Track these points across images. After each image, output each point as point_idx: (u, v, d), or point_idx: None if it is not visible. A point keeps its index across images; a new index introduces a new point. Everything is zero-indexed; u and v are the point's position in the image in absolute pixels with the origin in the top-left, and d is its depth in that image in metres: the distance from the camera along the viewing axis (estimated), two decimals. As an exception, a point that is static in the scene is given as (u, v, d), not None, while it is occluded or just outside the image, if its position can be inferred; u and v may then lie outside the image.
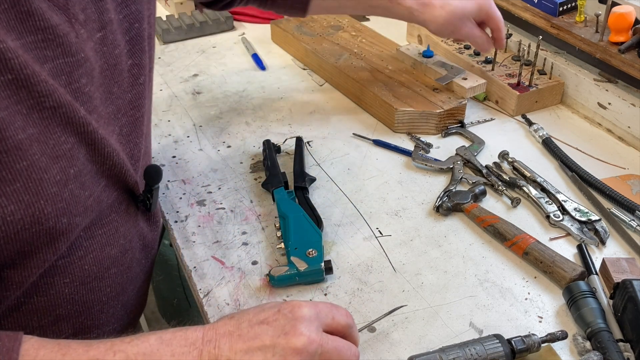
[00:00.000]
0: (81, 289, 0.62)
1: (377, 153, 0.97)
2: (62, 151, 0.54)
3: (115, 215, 0.65)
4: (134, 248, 0.70)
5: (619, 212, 0.82)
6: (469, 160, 0.92)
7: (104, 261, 0.64)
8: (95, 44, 0.58)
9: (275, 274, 0.72)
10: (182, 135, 1.02)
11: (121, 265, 0.68)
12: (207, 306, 0.71)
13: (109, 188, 0.63)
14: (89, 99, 0.58)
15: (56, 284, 0.60)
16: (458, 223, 0.83)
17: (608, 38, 0.98)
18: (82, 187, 0.57)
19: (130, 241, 0.69)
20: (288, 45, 1.28)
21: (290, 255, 0.73)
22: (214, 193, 0.88)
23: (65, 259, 0.60)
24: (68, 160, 0.55)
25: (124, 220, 0.67)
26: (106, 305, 0.67)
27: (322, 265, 0.73)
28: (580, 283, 0.68)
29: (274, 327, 0.54)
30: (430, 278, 0.74)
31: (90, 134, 0.57)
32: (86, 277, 0.62)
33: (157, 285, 1.90)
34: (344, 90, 1.12)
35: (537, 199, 0.84)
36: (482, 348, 0.61)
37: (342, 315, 0.58)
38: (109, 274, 0.66)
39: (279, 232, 0.79)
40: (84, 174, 0.57)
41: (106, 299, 0.66)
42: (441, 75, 1.05)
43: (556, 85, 1.06)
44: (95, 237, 0.63)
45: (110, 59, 0.61)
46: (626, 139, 0.98)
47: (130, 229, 0.69)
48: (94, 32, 0.58)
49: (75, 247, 0.60)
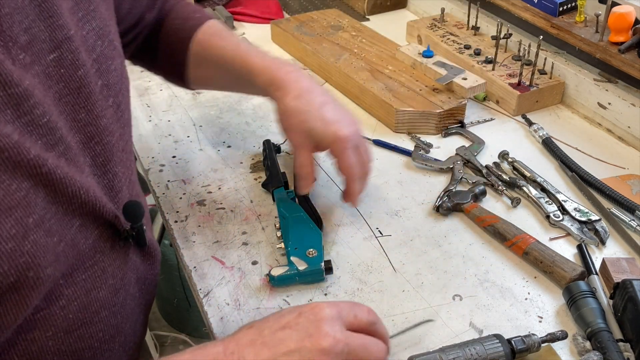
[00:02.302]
0: (67, 338, 0.57)
1: (377, 153, 0.97)
2: (16, 200, 0.47)
3: (101, 256, 0.59)
4: (127, 285, 0.64)
5: (619, 212, 0.82)
6: (469, 160, 0.92)
7: (91, 306, 0.58)
8: (46, 67, 0.52)
9: (275, 274, 0.72)
10: (182, 135, 1.02)
11: (113, 306, 0.62)
12: (207, 306, 0.71)
13: (85, 228, 0.56)
14: (49, 131, 0.51)
15: (38, 340, 0.54)
16: (458, 223, 0.83)
17: (608, 38, 0.98)
18: (49, 234, 0.50)
19: (122, 279, 0.63)
20: (288, 45, 1.28)
21: (290, 255, 0.73)
22: (214, 193, 0.88)
23: (44, 311, 0.53)
24: (24, 209, 0.47)
25: (112, 259, 0.61)
26: (99, 350, 0.61)
27: (322, 265, 0.72)
28: (580, 283, 0.68)
29: (298, 330, 0.53)
30: (430, 278, 0.74)
31: (46, 175, 0.49)
32: (71, 325, 0.57)
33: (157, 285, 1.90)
34: (344, 90, 1.12)
35: (537, 199, 0.84)
36: (482, 348, 0.61)
37: (364, 312, 0.57)
38: (99, 318, 0.60)
39: (279, 232, 0.79)
40: (47, 219, 0.50)
41: (99, 343, 0.61)
42: (441, 75, 1.05)
43: (557, 84, 1.06)
44: (77, 283, 0.56)
45: (72, 82, 0.55)
46: (626, 139, 0.98)
47: (120, 266, 0.62)
48: (43, 53, 0.52)
49: (54, 297, 0.54)
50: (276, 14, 1.44)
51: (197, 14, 0.86)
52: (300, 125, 0.74)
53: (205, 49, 0.83)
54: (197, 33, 0.83)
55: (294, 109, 0.74)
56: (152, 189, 0.91)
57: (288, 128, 0.76)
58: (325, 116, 0.74)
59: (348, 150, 0.73)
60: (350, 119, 0.77)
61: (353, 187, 0.76)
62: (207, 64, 0.84)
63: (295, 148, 0.77)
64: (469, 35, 1.22)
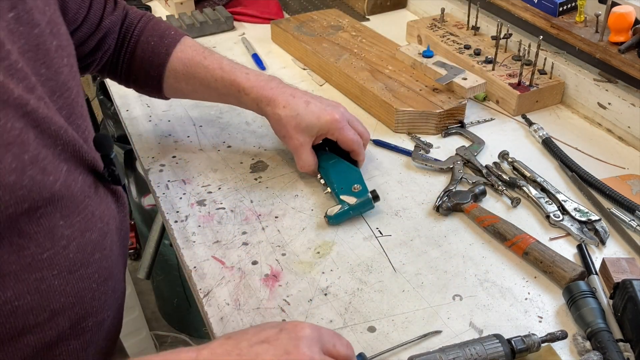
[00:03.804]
0: (70, 278, 0.62)
1: (377, 153, 0.97)
2: (12, 137, 0.52)
3: (89, 200, 0.64)
4: (111, 230, 0.69)
5: (619, 212, 0.82)
6: (469, 160, 0.92)
7: (87, 247, 0.63)
8: (8, 23, 0.56)
9: (331, 213, 0.80)
10: (182, 135, 1.02)
11: (103, 249, 0.67)
12: (207, 306, 0.71)
13: (72, 173, 0.61)
14: (25, 76, 0.55)
15: (46, 278, 0.59)
16: (458, 223, 0.83)
17: (608, 38, 0.98)
18: (44, 173, 0.56)
19: (108, 223, 0.68)
20: (288, 45, 1.28)
21: (340, 195, 0.82)
22: (214, 193, 0.88)
23: (49, 251, 0.59)
24: (19, 147, 0.53)
25: (98, 203, 0.66)
26: (97, 292, 0.66)
27: (370, 195, 0.81)
28: (580, 283, 0.68)
29: (276, 346, 0.53)
30: (430, 278, 0.74)
31: (31, 115, 0.54)
32: (72, 265, 0.62)
33: (157, 285, 1.90)
34: (344, 90, 1.12)
35: (537, 199, 0.84)
36: (482, 348, 0.61)
37: (343, 345, 0.58)
38: (93, 259, 0.65)
39: (322, 181, 0.87)
40: (40, 159, 0.55)
41: (95, 285, 0.66)
42: (441, 75, 1.05)
43: (557, 84, 1.06)
44: (74, 224, 0.62)
45: (31, 39, 0.59)
46: (626, 139, 0.98)
47: (104, 211, 0.67)
48: (4, 11, 0.56)
49: (57, 238, 0.60)
50: (276, 14, 1.44)
51: (172, 31, 0.92)
52: (297, 128, 0.86)
53: (187, 66, 0.90)
54: (175, 51, 0.89)
55: (286, 117, 0.86)
56: (152, 189, 0.91)
57: (286, 135, 0.87)
58: (314, 110, 0.86)
59: (344, 128, 0.87)
60: (333, 103, 0.90)
61: (361, 154, 0.89)
62: (188, 79, 0.91)
63: (297, 150, 0.87)
64: (469, 35, 1.22)
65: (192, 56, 0.89)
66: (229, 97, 0.92)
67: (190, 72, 0.89)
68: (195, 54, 0.90)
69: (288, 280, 0.74)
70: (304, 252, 0.78)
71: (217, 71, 0.89)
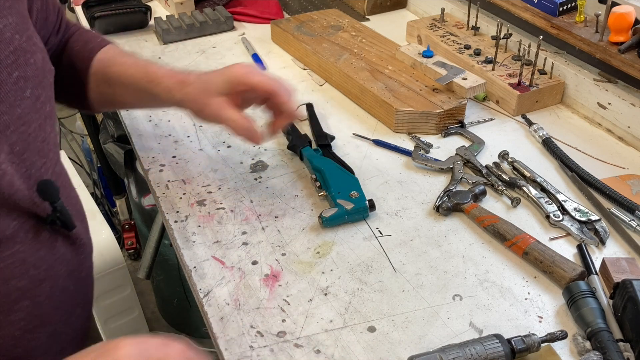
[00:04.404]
0: None
1: (377, 153, 0.97)
2: None
3: (20, 246, 0.60)
4: (54, 276, 0.65)
5: (619, 212, 0.82)
6: (469, 160, 0.92)
7: (10, 295, 0.60)
8: None
9: (327, 215, 0.80)
10: (182, 135, 1.02)
11: (37, 296, 0.63)
12: (207, 306, 0.71)
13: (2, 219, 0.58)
14: None
15: None
16: (458, 223, 0.83)
17: (608, 38, 0.98)
18: None
19: (47, 270, 0.64)
20: (288, 45, 1.28)
21: (336, 199, 0.82)
22: (214, 193, 0.88)
23: None
24: None
25: (34, 250, 0.62)
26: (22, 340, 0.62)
27: (367, 203, 0.81)
28: (580, 283, 0.68)
29: None
30: (430, 278, 0.74)
31: None
32: None
33: (157, 285, 1.90)
34: (344, 90, 1.12)
35: (537, 199, 0.84)
36: (482, 348, 0.61)
37: (176, 353, 0.53)
38: (19, 306, 0.61)
39: (317, 183, 0.87)
40: None
41: (20, 332, 0.62)
42: (441, 75, 1.05)
43: (557, 84, 1.06)
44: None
45: None
46: (626, 139, 0.98)
47: (44, 257, 0.64)
48: None
49: None
50: (276, 14, 1.44)
51: (97, 38, 0.90)
52: (206, 92, 0.80)
53: (107, 67, 0.87)
54: (98, 54, 0.88)
55: (194, 90, 0.80)
56: (152, 189, 0.91)
57: (201, 107, 0.81)
58: (218, 72, 0.81)
59: (254, 72, 0.80)
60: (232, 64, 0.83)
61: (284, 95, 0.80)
62: (109, 81, 0.87)
63: (219, 114, 0.79)
64: (469, 35, 1.22)
65: (112, 56, 0.87)
66: (143, 94, 0.86)
67: (108, 73, 0.87)
68: (116, 55, 0.88)
69: (288, 280, 0.74)
70: (304, 252, 0.78)
71: (131, 67, 0.86)
